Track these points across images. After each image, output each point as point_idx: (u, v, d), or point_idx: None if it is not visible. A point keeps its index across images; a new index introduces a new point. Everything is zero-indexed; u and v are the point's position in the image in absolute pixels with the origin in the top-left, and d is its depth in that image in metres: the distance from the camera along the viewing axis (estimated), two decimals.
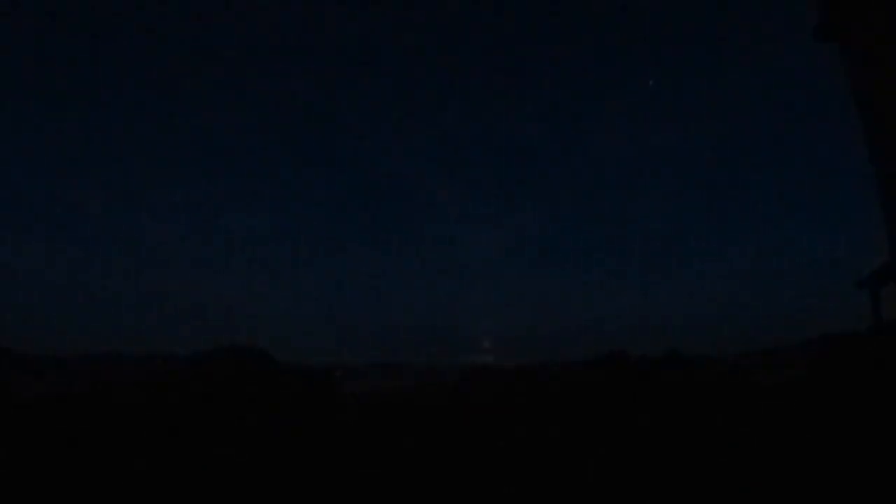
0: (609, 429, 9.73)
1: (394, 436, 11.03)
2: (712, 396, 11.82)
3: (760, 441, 7.67)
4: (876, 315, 13.50)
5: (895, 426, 7.79)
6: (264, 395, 16.76)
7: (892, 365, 11.26)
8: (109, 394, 16.03)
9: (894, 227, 11.39)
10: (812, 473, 6.16)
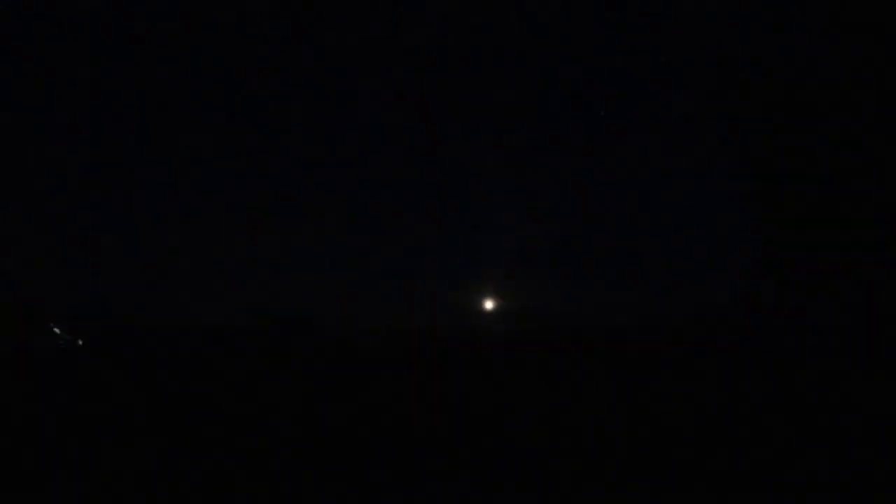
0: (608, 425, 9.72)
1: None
2: (711, 393, 11.87)
3: (761, 441, 7.71)
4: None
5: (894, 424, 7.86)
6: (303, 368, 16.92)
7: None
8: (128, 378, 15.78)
9: None
10: (811, 473, 6.21)
